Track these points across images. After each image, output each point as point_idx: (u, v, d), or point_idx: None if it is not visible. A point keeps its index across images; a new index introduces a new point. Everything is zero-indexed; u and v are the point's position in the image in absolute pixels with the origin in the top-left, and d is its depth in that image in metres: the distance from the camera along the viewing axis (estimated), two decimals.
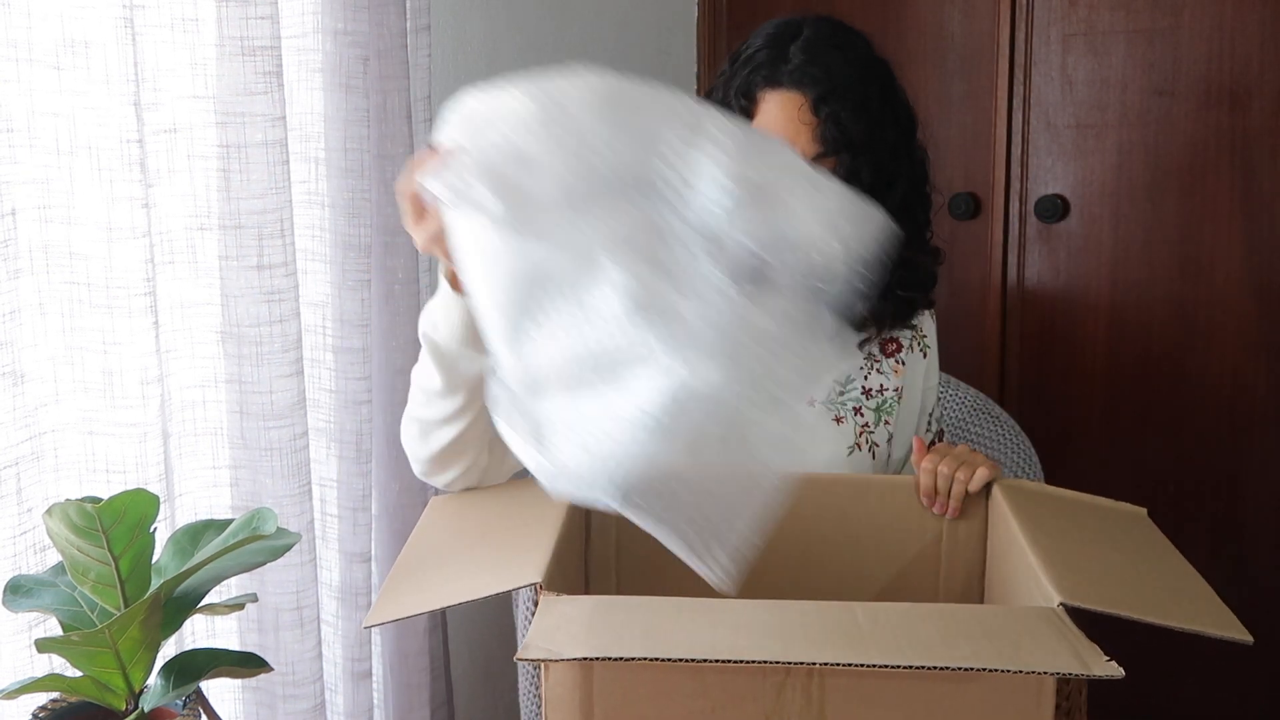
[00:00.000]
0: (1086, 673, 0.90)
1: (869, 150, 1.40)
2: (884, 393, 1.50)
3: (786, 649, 0.92)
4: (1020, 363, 2.21)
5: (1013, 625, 0.99)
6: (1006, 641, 0.95)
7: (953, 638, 0.95)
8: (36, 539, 1.42)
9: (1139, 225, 2.06)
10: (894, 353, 1.51)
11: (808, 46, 1.42)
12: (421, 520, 1.27)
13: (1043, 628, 0.98)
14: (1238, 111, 1.96)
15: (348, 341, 1.72)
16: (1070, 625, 0.99)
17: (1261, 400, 2.01)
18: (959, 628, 0.97)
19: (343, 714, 1.81)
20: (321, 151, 1.70)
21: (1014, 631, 0.97)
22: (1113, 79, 2.05)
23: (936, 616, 1.00)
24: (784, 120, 1.40)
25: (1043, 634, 0.97)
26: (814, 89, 1.39)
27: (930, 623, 0.98)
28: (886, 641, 0.94)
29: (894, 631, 0.96)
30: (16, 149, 1.39)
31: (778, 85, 1.41)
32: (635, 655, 0.91)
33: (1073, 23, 2.08)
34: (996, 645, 0.94)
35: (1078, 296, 2.14)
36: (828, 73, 1.39)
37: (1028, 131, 2.14)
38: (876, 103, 1.42)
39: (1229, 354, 2.02)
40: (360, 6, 1.66)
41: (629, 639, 0.93)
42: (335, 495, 1.76)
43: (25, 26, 1.37)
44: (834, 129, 1.38)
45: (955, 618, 1.00)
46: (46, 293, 1.45)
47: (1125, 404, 2.12)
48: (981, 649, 0.93)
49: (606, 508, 0.95)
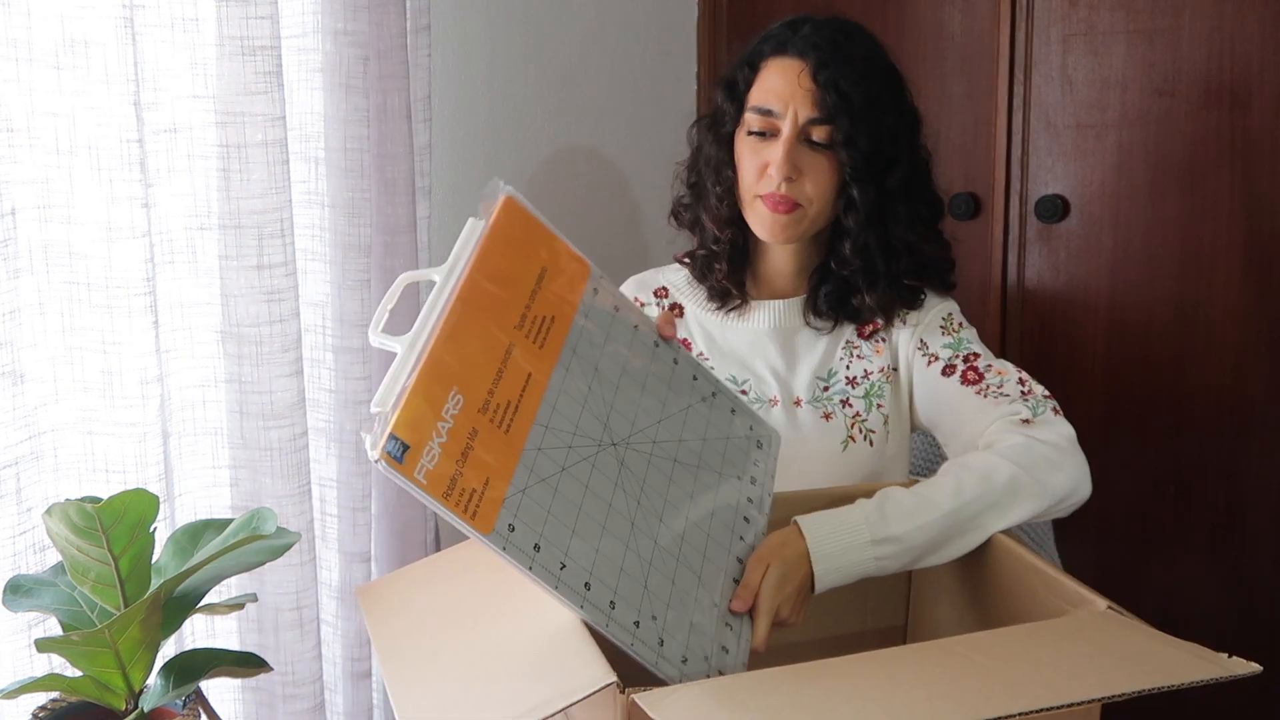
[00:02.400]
0: (1229, 674, 0.92)
1: (866, 121, 1.41)
2: (869, 377, 1.49)
3: (960, 707, 0.89)
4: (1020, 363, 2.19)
5: (1104, 635, 0.99)
6: (1131, 654, 0.96)
7: (1082, 657, 0.95)
8: (36, 539, 1.42)
9: (1139, 225, 2.06)
10: (872, 334, 1.51)
11: (817, 26, 1.45)
12: (373, 621, 1.17)
13: (1135, 635, 0.99)
14: (1238, 111, 1.96)
15: (348, 341, 1.72)
16: (1146, 625, 1.00)
17: (1261, 400, 2.00)
18: (1072, 645, 0.98)
19: (343, 714, 1.81)
20: (321, 151, 1.70)
21: (1117, 640, 0.98)
22: (1113, 79, 2.05)
23: (1029, 639, 1.00)
24: (783, 84, 1.43)
25: (1142, 639, 0.98)
26: (815, 55, 1.42)
27: (1036, 647, 0.98)
28: (1027, 677, 0.93)
29: (1018, 664, 0.95)
30: (16, 149, 1.39)
31: (782, 53, 1.44)
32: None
33: (1073, 23, 2.08)
34: (1128, 660, 0.95)
35: (1078, 296, 2.14)
36: (831, 44, 1.42)
37: (1028, 131, 2.14)
38: (879, 86, 1.43)
39: (1229, 354, 2.02)
40: (360, 6, 1.66)
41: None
42: (335, 495, 1.76)
43: (25, 26, 1.37)
44: (833, 94, 1.40)
45: (1049, 635, 1.00)
46: (46, 292, 1.45)
47: (1125, 404, 2.12)
48: (1122, 666, 0.94)
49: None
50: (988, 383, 1.41)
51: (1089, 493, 1.32)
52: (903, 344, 1.50)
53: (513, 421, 1.08)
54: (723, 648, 1.12)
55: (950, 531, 1.24)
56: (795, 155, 1.42)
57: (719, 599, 1.15)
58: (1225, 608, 2.05)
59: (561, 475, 1.10)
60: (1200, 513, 2.08)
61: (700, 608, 1.12)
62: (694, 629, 1.10)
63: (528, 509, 1.05)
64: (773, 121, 1.43)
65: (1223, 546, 2.06)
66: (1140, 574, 2.13)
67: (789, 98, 1.42)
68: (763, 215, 1.46)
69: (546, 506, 1.07)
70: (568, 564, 1.04)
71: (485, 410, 1.06)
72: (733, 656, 1.12)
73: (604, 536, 1.10)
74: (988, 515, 1.26)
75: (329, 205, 1.71)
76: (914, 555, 1.24)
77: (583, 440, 1.15)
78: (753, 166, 1.45)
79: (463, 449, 1.03)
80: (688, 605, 1.12)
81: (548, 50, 2.30)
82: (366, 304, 1.72)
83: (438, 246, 2.03)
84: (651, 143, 2.47)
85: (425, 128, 1.83)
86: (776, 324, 1.53)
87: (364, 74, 1.68)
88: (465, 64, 2.15)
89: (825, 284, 1.50)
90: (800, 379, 1.50)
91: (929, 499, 1.25)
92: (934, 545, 1.24)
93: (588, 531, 1.08)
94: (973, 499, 1.25)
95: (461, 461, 1.02)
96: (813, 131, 1.42)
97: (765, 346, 1.52)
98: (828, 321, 1.51)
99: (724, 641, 1.13)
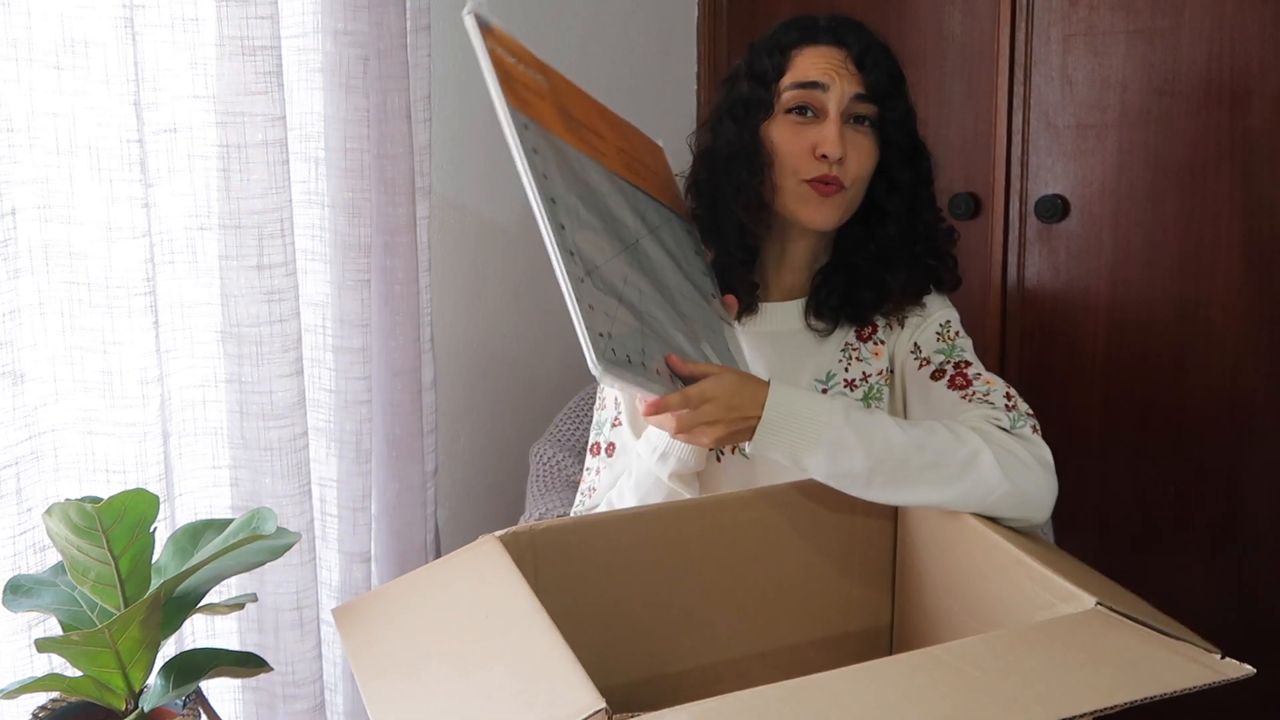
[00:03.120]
0: (1222, 678, 0.93)
1: (904, 105, 1.44)
2: (868, 380, 1.49)
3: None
4: (1020, 363, 2.21)
5: (1095, 638, 0.99)
6: (1123, 661, 0.96)
7: (1074, 666, 0.95)
8: (36, 539, 1.42)
9: (1139, 225, 2.06)
10: (870, 336, 1.51)
11: (836, 21, 1.46)
12: (350, 641, 1.15)
13: (1126, 637, 0.99)
14: (1238, 111, 1.96)
15: (348, 341, 1.72)
16: (1138, 624, 1.00)
17: (1261, 400, 2.00)
18: (1063, 652, 0.98)
19: (343, 714, 1.81)
20: (321, 151, 1.70)
21: (1109, 645, 0.98)
22: (1113, 79, 2.05)
23: (1020, 647, 1.00)
24: (825, 66, 1.42)
25: (1133, 642, 0.98)
26: (856, 45, 1.42)
27: (1026, 656, 0.98)
28: (1019, 690, 0.93)
29: (1010, 677, 0.95)
30: (16, 149, 1.39)
31: (813, 42, 1.44)
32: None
33: (1073, 23, 2.08)
34: (1120, 668, 0.95)
35: (1078, 296, 2.14)
36: (860, 39, 1.43)
37: (1028, 131, 2.14)
38: (900, 77, 1.45)
39: (1229, 354, 2.02)
40: (360, 6, 1.66)
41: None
42: (335, 495, 1.76)
43: (25, 26, 1.37)
44: (877, 74, 1.41)
45: (1040, 640, 1.00)
46: (46, 292, 1.45)
47: (1125, 404, 2.12)
48: (1114, 675, 0.94)
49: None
50: (974, 389, 1.40)
51: (1045, 518, 1.30)
52: (900, 347, 1.49)
53: (576, 133, 1.23)
54: (642, 363, 1.14)
55: (903, 461, 1.24)
56: (843, 135, 1.41)
57: (669, 337, 1.21)
58: (1225, 607, 2.04)
59: (587, 187, 1.19)
60: (1200, 513, 2.08)
61: (636, 329, 1.16)
62: (619, 319, 1.14)
63: (547, 146, 1.14)
64: (818, 95, 1.40)
65: (1223, 546, 2.06)
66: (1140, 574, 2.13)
67: (835, 75, 1.41)
68: (807, 198, 1.42)
69: (560, 165, 1.16)
70: (550, 178, 1.12)
71: (560, 109, 1.22)
72: (638, 373, 1.13)
73: (594, 217, 1.18)
74: (943, 470, 1.25)
75: (329, 205, 1.71)
76: (854, 462, 1.23)
77: (618, 207, 1.26)
78: (796, 148, 1.41)
79: (527, 84, 1.16)
80: (641, 306, 1.19)
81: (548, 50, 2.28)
82: (366, 304, 1.72)
83: (438, 246, 2.03)
84: None
85: (425, 128, 1.83)
86: (777, 328, 1.52)
87: (364, 74, 1.68)
88: (465, 64, 2.14)
89: (829, 283, 1.50)
90: (799, 382, 1.50)
91: (900, 424, 1.27)
92: (878, 466, 1.24)
93: (584, 200, 1.17)
94: (937, 446, 1.25)
95: (522, 86, 1.14)
96: (859, 108, 1.41)
97: (765, 350, 1.52)
98: (828, 324, 1.50)
99: (650, 352, 1.16)
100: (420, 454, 1.83)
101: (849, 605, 1.37)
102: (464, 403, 2.23)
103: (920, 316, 1.49)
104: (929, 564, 1.32)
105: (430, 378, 1.88)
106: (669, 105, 2.51)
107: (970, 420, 1.33)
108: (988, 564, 1.23)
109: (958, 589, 1.27)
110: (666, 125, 2.52)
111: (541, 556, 1.22)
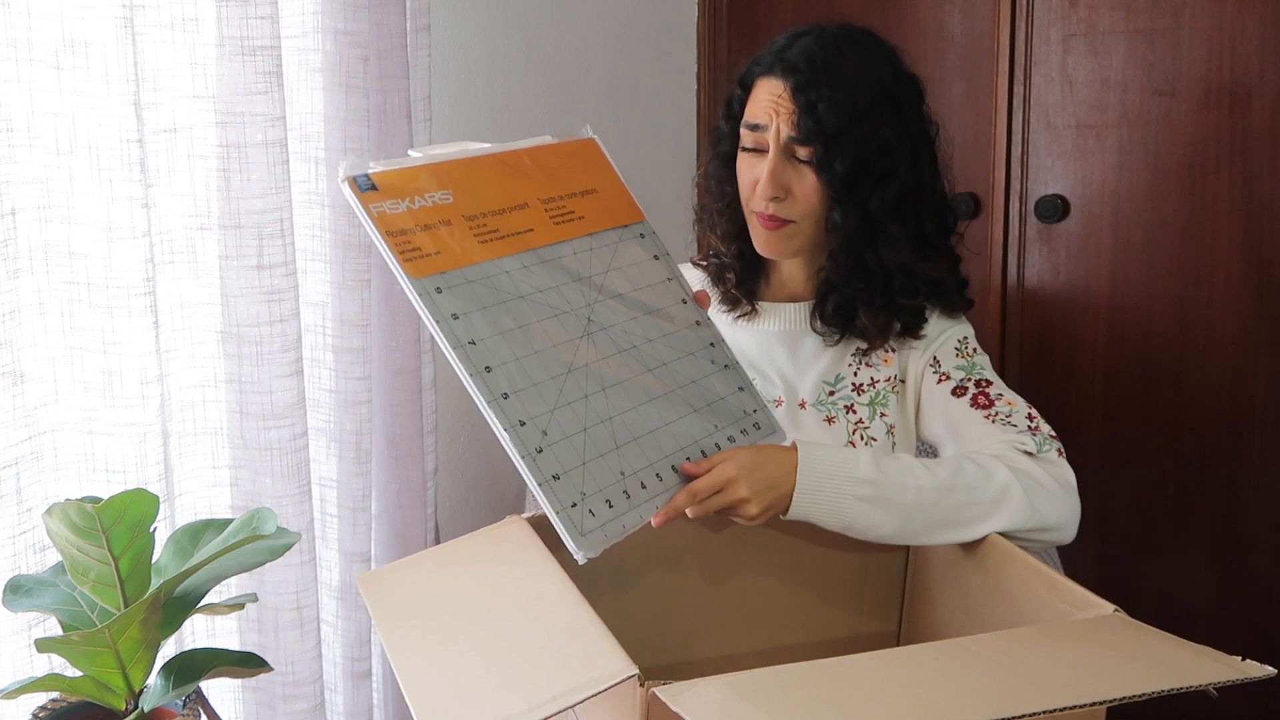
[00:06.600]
0: (1243, 676, 0.93)
1: (847, 141, 1.39)
2: (875, 385, 1.49)
3: (986, 704, 0.89)
4: (1020, 363, 2.21)
5: (1119, 638, 1.00)
6: (1149, 656, 0.96)
7: (1101, 658, 0.96)
8: (36, 539, 1.42)
9: (1139, 225, 2.06)
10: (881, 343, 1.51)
11: (809, 43, 1.44)
12: (376, 607, 1.16)
13: (1147, 638, 1.00)
14: (1238, 111, 1.96)
15: (348, 341, 1.72)
16: (1156, 630, 1.00)
17: (1261, 400, 2.00)
18: (1090, 647, 0.98)
19: (343, 714, 1.81)
20: (321, 151, 1.70)
21: (1133, 643, 0.99)
22: (1113, 79, 2.05)
23: (1044, 640, 1.00)
24: (765, 103, 1.43)
25: (1156, 642, 0.99)
26: (796, 77, 1.41)
27: (1053, 647, 0.98)
28: (1050, 675, 0.93)
29: (1039, 664, 0.95)
30: (16, 149, 1.39)
31: (769, 73, 1.45)
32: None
33: (1073, 23, 2.08)
34: (1147, 662, 0.95)
35: (1078, 296, 2.14)
36: (810, 63, 1.41)
37: (1028, 131, 2.14)
38: (870, 101, 1.41)
39: (1229, 354, 2.02)
40: (360, 6, 1.66)
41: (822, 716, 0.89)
42: (335, 495, 1.76)
43: (25, 26, 1.37)
44: (809, 117, 1.40)
45: (1066, 636, 1.01)
46: (46, 292, 1.45)
47: (1125, 403, 2.12)
48: (1141, 667, 0.94)
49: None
50: (997, 410, 1.40)
51: (1072, 536, 1.32)
52: (913, 359, 1.49)
53: (492, 242, 1.09)
54: (624, 492, 1.10)
55: (935, 509, 1.24)
56: (782, 173, 1.42)
57: (649, 460, 1.14)
58: (1225, 608, 2.04)
59: (519, 300, 1.09)
60: (1200, 513, 2.08)
61: (611, 456, 1.11)
62: (591, 467, 1.09)
63: (465, 293, 1.04)
64: (762, 137, 1.44)
65: (1223, 546, 2.06)
66: (1140, 574, 2.13)
67: (774, 115, 1.42)
68: (757, 231, 1.47)
69: (485, 303, 1.06)
70: (477, 342, 1.06)
71: (471, 219, 1.08)
72: (623, 508, 1.10)
73: (533, 357, 1.10)
74: (974, 510, 1.26)
75: (329, 205, 1.71)
76: (891, 514, 1.23)
77: (557, 298, 1.14)
78: (747, 182, 1.46)
79: (428, 223, 1.04)
80: (598, 447, 1.11)
81: (548, 50, 2.30)
82: (366, 304, 1.72)
83: None
84: (651, 142, 2.47)
85: (425, 128, 1.83)
86: (786, 328, 1.52)
87: (364, 74, 1.68)
88: (465, 64, 2.15)
89: (830, 296, 1.49)
90: (807, 383, 1.50)
91: (928, 466, 1.27)
92: (913, 514, 1.24)
93: (517, 343, 1.08)
94: (967, 486, 1.26)
95: (422, 230, 1.04)
96: (796, 150, 1.42)
97: (774, 349, 1.52)
98: (834, 332, 1.50)
99: (626, 489, 1.11)
100: (420, 454, 1.83)
101: (860, 616, 1.37)
102: (464, 403, 2.22)
103: (929, 333, 1.49)
104: (942, 577, 1.32)
105: (430, 378, 1.88)
106: (669, 105, 2.51)
107: (994, 447, 1.34)
108: (1004, 575, 1.23)
109: (971, 600, 1.28)
110: (667, 125, 2.53)
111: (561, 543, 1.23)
